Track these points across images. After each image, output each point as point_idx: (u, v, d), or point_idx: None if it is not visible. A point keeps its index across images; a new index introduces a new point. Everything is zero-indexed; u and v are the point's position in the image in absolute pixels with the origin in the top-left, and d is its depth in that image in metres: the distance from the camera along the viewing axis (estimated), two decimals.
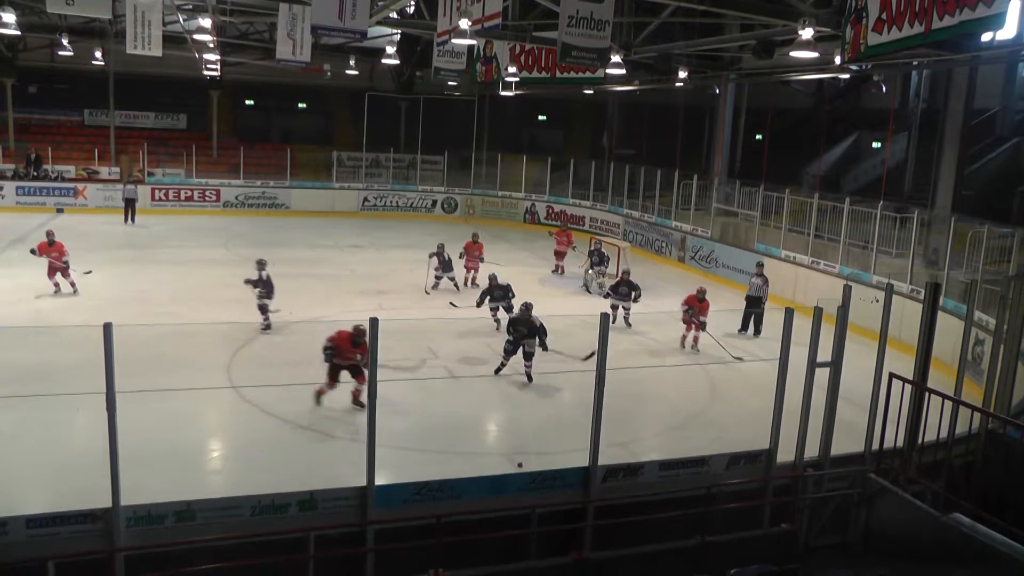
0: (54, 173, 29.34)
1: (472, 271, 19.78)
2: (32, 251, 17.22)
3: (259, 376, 12.48)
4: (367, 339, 9.60)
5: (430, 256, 19.08)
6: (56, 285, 16.98)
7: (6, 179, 28.52)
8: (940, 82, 22.73)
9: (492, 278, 16.11)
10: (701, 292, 15.36)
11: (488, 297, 15.81)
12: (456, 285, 19.10)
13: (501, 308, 15.61)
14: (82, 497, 7.23)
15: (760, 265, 17.40)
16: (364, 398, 9.92)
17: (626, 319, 16.51)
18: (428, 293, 18.66)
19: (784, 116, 31.28)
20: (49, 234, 17.31)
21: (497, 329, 15.22)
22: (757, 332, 16.39)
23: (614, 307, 16.17)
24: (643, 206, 26.72)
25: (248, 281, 15.05)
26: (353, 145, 34.15)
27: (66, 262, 17.07)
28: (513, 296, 15.60)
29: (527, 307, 13.10)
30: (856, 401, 9.58)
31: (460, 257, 19.42)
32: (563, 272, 21.83)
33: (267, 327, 15.03)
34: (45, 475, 9.18)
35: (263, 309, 15.05)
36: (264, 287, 15.07)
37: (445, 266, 18.95)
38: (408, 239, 26.00)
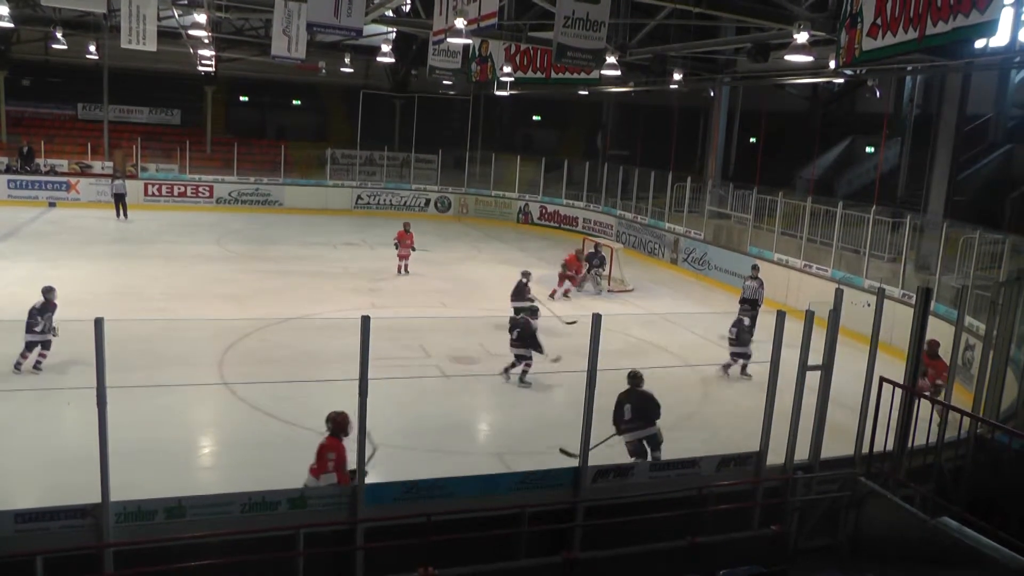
0: (46, 167, 29.23)
1: (404, 260, 20.53)
2: None
3: (251, 373, 12.46)
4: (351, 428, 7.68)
5: (515, 300, 15.48)
6: None
7: None
8: (934, 88, 22.81)
9: (533, 312, 13.17)
10: (933, 347, 11.57)
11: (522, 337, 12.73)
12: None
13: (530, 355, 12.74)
14: (71, 492, 7.21)
15: (755, 268, 17.45)
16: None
17: (744, 369, 13.96)
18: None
19: (778, 120, 31.36)
20: None
21: (506, 379, 12.96)
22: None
23: (735, 356, 13.92)
24: (636, 207, 26.77)
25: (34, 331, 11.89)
26: (347, 143, 34.15)
27: None
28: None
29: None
30: (846, 404, 9.60)
31: (395, 247, 20.55)
32: (567, 294, 19.42)
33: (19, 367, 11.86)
34: (34, 470, 9.16)
35: (34, 346, 11.95)
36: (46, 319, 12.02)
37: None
38: None
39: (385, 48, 20.97)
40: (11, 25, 21.34)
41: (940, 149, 18.76)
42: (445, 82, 27.71)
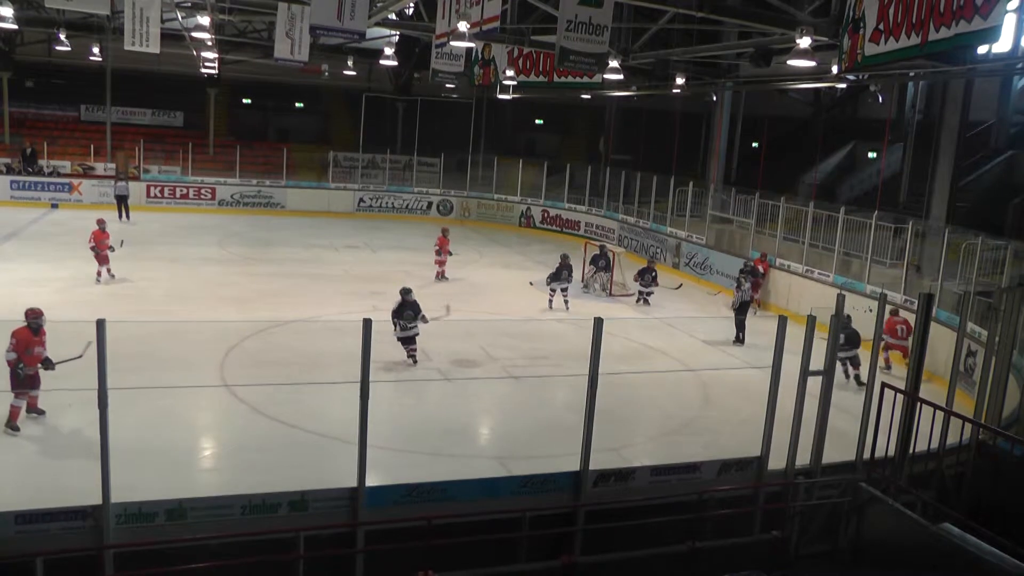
0: (49, 168, 29.26)
1: (442, 266, 20.72)
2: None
3: (252, 375, 12.46)
4: (44, 321, 9.89)
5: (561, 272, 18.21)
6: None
7: (1, 174, 28.43)
8: (936, 94, 22.83)
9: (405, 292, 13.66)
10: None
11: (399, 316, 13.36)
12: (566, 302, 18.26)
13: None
14: (72, 494, 7.21)
15: (742, 270, 17.55)
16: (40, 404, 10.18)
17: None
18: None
19: (780, 124, 31.38)
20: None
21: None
22: (737, 339, 16.39)
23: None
24: (638, 212, 26.75)
25: None
26: (350, 145, 34.14)
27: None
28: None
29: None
30: (848, 410, 9.60)
31: (437, 254, 20.55)
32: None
33: None
34: (35, 471, 9.16)
35: (405, 342, 13.42)
36: None
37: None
38: (403, 241, 26.00)
39: (388, 51, 20.99)
40: (15, 27, 21.39)
41: (942, 155, 18.74)
42: (448, 85, 27.70)
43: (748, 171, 28.17)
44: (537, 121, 39.45)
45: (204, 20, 19.05)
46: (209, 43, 23.13)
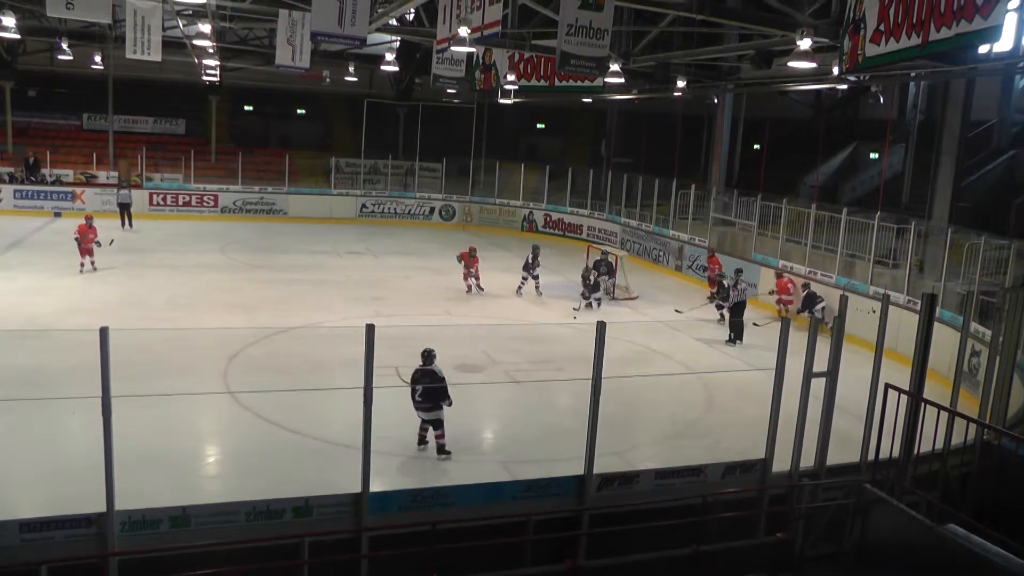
0: (52, 177, 29.33)
1: (467, 280, 20.17)
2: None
3: (255, 381, 12.45)
4: None
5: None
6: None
7: (4, 183, 28.52)
8: (937, 94, 22.77)
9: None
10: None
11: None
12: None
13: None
14: (76, 501, 7.22)
15: (738, 271, 17.59)
16: None
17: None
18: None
19: (782, 126, 31.34)
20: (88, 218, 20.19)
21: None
22: (730, 339, 16.39)
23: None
24: (641, 215, 26.76)
25: None
26: (351, 152, 34.20)
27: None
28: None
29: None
30: (852, 411, 9.58)
31: (466, 268, 20.06)
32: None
33: None
34: (39, 479, 9.17)
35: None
36: None
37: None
38: (405, 246, 26.02)
39: (389, 57, 21.05)
40: (17, 36, 21.46)
41: (944, 155, 18.70)
42: (449, 90, 27.60)
43: (750, 173, 28.14)
44: (538, 125, 39.47)
45: (205, 28, 19.11)
46: (210, 50, 23.18)
